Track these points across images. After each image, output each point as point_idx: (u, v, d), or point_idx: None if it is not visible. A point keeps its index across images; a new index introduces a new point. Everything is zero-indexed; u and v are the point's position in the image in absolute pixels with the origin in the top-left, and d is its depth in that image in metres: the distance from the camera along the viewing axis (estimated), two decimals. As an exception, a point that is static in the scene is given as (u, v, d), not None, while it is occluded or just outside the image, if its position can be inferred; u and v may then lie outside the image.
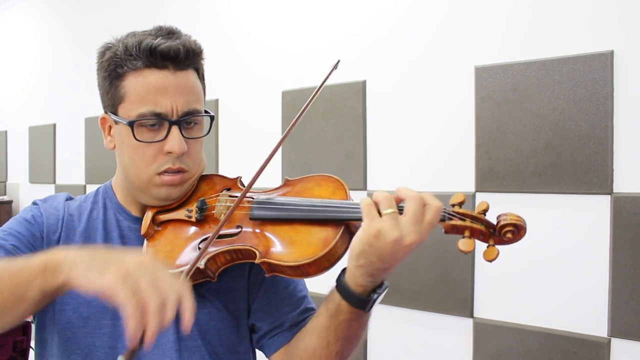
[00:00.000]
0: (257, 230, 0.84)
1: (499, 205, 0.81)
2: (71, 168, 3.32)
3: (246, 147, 2.33)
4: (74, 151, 3.27)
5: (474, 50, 1.73)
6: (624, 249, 1.47)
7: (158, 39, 0.85)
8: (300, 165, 2.15)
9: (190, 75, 0.89)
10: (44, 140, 3.54)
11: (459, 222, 0.73)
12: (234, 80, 2.42)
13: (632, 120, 1.47)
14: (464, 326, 1.75)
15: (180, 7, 2.68)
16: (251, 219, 0.85)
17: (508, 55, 1.66)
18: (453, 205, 0.75)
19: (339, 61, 0.92)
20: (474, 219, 0.74)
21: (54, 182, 3.46)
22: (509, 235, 0.72)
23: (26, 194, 3.76)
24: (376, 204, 0.74)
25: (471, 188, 1.72)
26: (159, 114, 0.85)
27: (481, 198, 1.70)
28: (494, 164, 1.68)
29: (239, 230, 0.85)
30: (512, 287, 1.67)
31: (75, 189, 3.24)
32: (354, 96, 2.01)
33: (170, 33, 0.88)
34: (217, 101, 2.47)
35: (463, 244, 0.72)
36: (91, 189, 3.11)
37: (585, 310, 1.53)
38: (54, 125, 3.48)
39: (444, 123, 1.80)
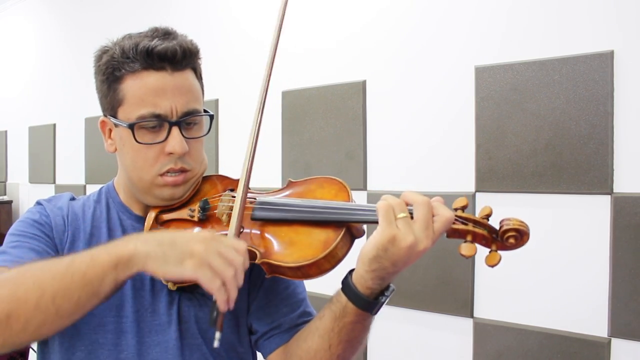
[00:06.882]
0: (258, 231, 0.84)
1: (499, 206, 0.81)
2: (71, 168, 3.32)
3: (246, 147, 2.33)
4: (73, 151, 3.27)
5: (474, 50, 1.73)
6: (624, 249, 1.47)
7: (155, 41, 0.86)
8: (300, 165, 2.15)
9: (188, 75, 0.89)
10: (44, 140, 3.54)
11: (461, 227, 0.73)
12: (234, 80, 2.42)
13: (632, 120, 1.47)
14: (464, 326, 1.75)
15: (180, 7, 2.68)
16: (253, 219, 0.86)
17: (508, 55, 1.66)
18: (456, 209, 0.75)
19: None
20: (476, 223, 0.73)
21: (54, 182, 3.46)
22: (511, 240, 0.72)
23: (26, 194, 3.76)
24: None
25: (471, 188, 1.72)
26: (158, 115, 0.85)
27: (481, 198, 1.70)
28: (494, 164, 1.68)
29: (241, 230, 0.85)
30: (512, 287, 1.66)
31: (75, 189, 3.24)
32: (354, 96, 2.01)
33: (166, 34, 0.88)
34: (217, 101, 2.46)
35: (465, 248, 0.72)
36: (91, 189, 3.12)
37: (585, 311, 1.53)
38: (54, 125, 3.48)
39: (444, 123, 1.80)
